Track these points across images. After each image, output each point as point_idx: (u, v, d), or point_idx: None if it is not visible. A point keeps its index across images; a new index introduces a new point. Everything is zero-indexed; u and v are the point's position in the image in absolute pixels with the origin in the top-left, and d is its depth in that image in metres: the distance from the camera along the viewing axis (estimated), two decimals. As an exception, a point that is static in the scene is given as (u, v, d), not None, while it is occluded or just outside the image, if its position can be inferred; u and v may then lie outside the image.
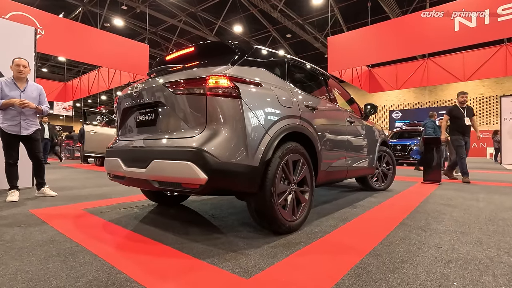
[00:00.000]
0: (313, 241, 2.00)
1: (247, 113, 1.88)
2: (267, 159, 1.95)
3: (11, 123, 3.34)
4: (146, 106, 2.18)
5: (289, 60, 2.66)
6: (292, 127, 2.20)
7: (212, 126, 1.85)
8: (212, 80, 1.85)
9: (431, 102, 21.00)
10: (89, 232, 2.16)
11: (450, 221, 2.54)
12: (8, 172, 3.41)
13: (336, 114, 2.99)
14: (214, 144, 1.79)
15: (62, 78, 20.64)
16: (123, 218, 2.57)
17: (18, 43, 4.27)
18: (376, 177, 4.23)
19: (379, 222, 2.53)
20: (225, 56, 2.18)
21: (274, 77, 2.33)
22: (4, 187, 3.98)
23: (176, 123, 1.98)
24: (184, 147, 1.81)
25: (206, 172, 1.74)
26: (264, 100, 2.03)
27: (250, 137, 1.89)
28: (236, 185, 1.90)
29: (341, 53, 10.64)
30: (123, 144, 2.32)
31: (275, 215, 2.01)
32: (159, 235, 2.09)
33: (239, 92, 1.87)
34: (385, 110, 22.73)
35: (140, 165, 2.03)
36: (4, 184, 3.95)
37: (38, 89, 3.58)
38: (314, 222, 2.47)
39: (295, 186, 2.24)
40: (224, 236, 2.08)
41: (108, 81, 12.73)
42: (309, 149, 2.45)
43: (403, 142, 10.01)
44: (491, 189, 4.63)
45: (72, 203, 3.28)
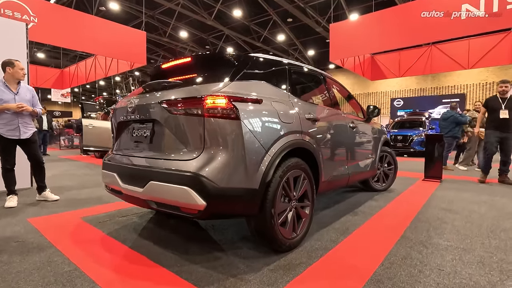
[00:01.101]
0: (314, 261, 1.98)
1: (247, 135, 1.81)
2: (268, 181, 1.90)
3: (9, 128, 3.25)
4: (142, 122, 2.10)
5: (291, 68, 2.55)
6: (294, 143, 2.12)
7: (210, 148, 1.78)
8: (210, 101, 1.76)
9: (433, 88, 20.67)
10: (88, 249, 2.14)
11: (452, 233, 2.52)
12: (5, 178, 3.36)
13: (338, 121, 2.90)
14: (213, 168, 1.73)
15: (58, 63, 20.23)
16: (121, 230, 2.54)
17: (9, 39, 4.11)
18: (377, 177, 4.19)
19: (380, 234, 2.51)
20: (224, 69, 2.07)
21: (275, 89, 2.24)
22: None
23: (173, 143, 1.90)
24: (181, 171, 1.75)
25: (204, 198, 1.69)
26: (264, 118, 1.95)
27: (250, 160, 1.82)
28: (235, 209, 1.86)
29: (343, 41, 10.35)
30: (120, 159, 2.25)
31: (275, 235, 1.98)
32: (158, 254, 2.06)
33: (238, 113, 1.79)
34: (386, 96, 22.44)
35: (137, 183, 1.98)
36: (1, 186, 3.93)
37: (30, 91, 3.50)
38: (315, 235, 2.45)
39: (296, 202, 2.20)
40: (224, 256, 2.05)
41: (106, 68, 12.47)
42: (310, 162, 2.39)
43: (404, 133, 9.93)
44: (494, 189, 4.61)
45: (71, 209, 3.25)
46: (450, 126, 6.79)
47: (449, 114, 6.88)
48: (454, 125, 6.75)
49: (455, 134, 6.77)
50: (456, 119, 6.69)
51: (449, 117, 6.85)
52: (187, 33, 18.50)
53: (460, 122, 6.70)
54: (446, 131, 6.79)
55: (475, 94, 19.21)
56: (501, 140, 4.86)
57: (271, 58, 2.44)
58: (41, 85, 15.33)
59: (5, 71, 3.28)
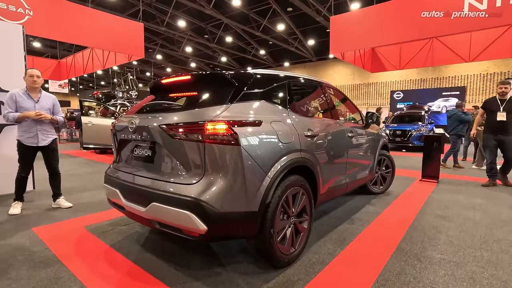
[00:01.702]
0: (311, 277, 2.05)
1: (247, 159, 1.84)
2: (267, 202, 1.94)
3: (28, 135, 3.31)
4: (143, 142, 2.12)
5: (290, 82, 2.55)
6: (293, 162, 2.16)
7: (210, 173, 1.81)
8: (210, 127, 1.79)
9: (434, 78, 20.53)
10: (93, 264, 2.21)
11: (446, 245, 2.60)
12: (18, 183, 3.41)
13: (336, 133, 2.92)
14: (213, 194, 1.77)
15: (54, 52, 19.94)
16: (124, 242, 2.61)
17: (6, 42, 4.06)
18: (375, 180, 4.25)
19: (375, 246, 2.58)
20: (223, 89, 2.08)
21: (274, 108, 2.25)
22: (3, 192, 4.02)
23: (174, 165, 1.94)
24: (183, 195, 1.79)
25: (205, 222, 1.74)
26: (264, 141, 1.98)
27: (250, 184, 1.86)
28: (236, 232, 1.92)
29: (344, 34, 10.20)
30: (122, 176, 2.29)
31: (274, 253, 2.04)
32: (161, 270, 2.13)
33: (238, 139, 1.81)
34: (387, 87, 22.30)
35: (139, 203, 2.03)
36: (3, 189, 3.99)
37: (52, 99, 3.53)
38: (313, 247, 2.52)
39: (295, 218, 2.26)
40: (225, 271, 2.12)
41: (103, 60, 12.31)
42: (309, 176, 2.43)
43: (403, 128, 9.95)
44: (488, 191, 4.69)
45: (74, 215, 3.32)
46: (454, 124, 6.78)
47: (453, 112, 6.85)
48: (457, 123, 6.72)
49: (458, 132, 6.74)
50: (459, 117, 6.67)
51: (452, 115, 6.82)
52: (185, 22, 18.17)
53: (463, 120, 6.67)
54: (451, 129, 6.80)
55: (475, 85, 19.13)
56: (499, 144, 4.77)
57: (270, 74, 2.44)
58: (38, 76, 15.18)
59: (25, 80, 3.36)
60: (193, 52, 24.21)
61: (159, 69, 29.80)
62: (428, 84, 20.79)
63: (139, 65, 27.25)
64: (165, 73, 30.94)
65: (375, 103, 22.72)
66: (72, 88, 30.81)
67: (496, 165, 4.91)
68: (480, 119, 5.27)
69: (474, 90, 18.93)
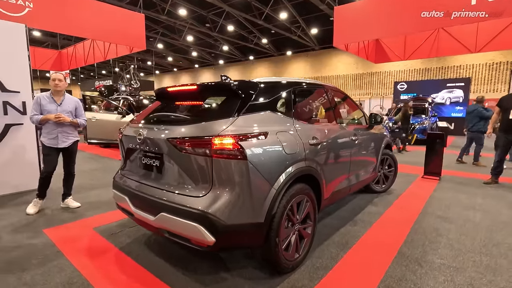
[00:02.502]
0: (315, 283, 2.12)
1: (253, 173, 1.88)
2: (273, 213, 2.00)
3: (50, 136, 3.43)
4: (151, 153, 2.16)
5: (295, 89, 2.56)
6: (298, 171, 2.20)
7: (218, 186, 1.86)
8: (217, 141, 1.82)
9: (439, 68, 20.28)
10: (104, 269, 2.29)
11: (446, 249, 2.66)
12: (42, 182, 3.49)
13: (340, 137, 2.94)
14: (221, 207, 1.82)
15: (55, 41, 19.75)
16: (133, 245, 2.69)
17: (9, 42, 4.05)
18: (377, 179, 4.29)
19: (378, 249, 2.64)
20: (230, 101, 2.10)
21: (280, 118, 2.27)
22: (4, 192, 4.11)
23: (182, 177, 1.98)
24: (192, 207, 1.84)
25: (213, 234, 1.80)
26: (269, 153, 2.01)
27: (256, 196, 1.91)
28: (243, 242, 1.98)
29: (348, 25, 10.02)
30: (130, 183, 2.34)
31: (279, 261, 2.11)
32: (169, 274, 2.21)
33: (245, 153, 1.85)
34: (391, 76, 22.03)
35: (149, 212, 2.09)
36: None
37: (75, 102, 3.61)
38: (316, 252, 2.59)
39: (299, 225, 2.32)
40: (230, 277, 2.20)
41: (104, 51, 12.21)
42: (313, 183, 2.48)
43: (406, 121, 9.88)
44: (488, 190, 4.73)
45: (83, 216, 3.40)
46: (474, 120, 6.53)
47: (473, 107, 6.58)
48: (478, 119, 6.47)
49: (480, 129, 6.49)
50: (480, 113, 6.42)
51: (472, 110, 6.54)
52: (186, 10, 17.87)
53: (483, 116, 6.41)
54: (471, 125, 6.56)
55: (481, 75, 18.90)
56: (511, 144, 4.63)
57: (275, 82, 2.44)
58: (40, 67, 15.10)
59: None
60: (195, 41, 23.91)
61: (160, 58, 29.52)
62: (432, 74, 20.54)
63: (140, 54, 26.99)
64: (167, 62, 30.65)
65: (378, 93, 22.55)
66: (73, 77, 30.65)
67: (503, 165, 4.92)
68: (497, 118, 5.03)
69: (479, 80, 18.71)
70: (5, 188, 4.06)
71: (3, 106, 3.96)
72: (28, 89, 4.14)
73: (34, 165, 4.30)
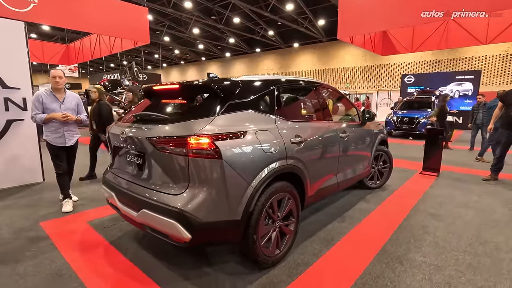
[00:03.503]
0: (293, 279, 2.18)
1: (229, 172, 1.92)
2: (250, 210, 2.04)
3: (56, 136, 3.40)
4: (134, 151, 2.22)
5: (279, 87, 2.56)
6: (278, 170, 2.23)
7: (194, 185, 1.91)
8: (193, 141, 1.86)
9: (450, 60, 19.73)
10: (93, 262, 2.39)
11: (430, 247, 2.66)
12: (59, 182, 3.53)
13: (327, 135, 2.94)
14: (197, 205, 1.87)
15: (63, 35, 20.05)
16: (124, 239, 2.79)
17: (8, 40, 4.15)
18: (372, 175, 4.28)
19: (361, 246, 2.67)
20: (210, 100, 2.14)
21: (260, 117, 2.29)
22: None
23: (162, 175, 2.04)
24: (169, 205, 1.90)
25: (189, 231, 1.86)
26: (247, 152, 2.04)
27: (232, 195, 1.96)
28: (220, 238, 2.04)
29: (353, 17, 9.81)
30: (117, 180, 2.42)
31: (258, 257, 2.16)
32: (155, 268, 2.30)
33: (221, 152, 1.89)
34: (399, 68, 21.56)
35: (132, 208, 2.17)
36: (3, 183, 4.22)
37: (76, 99, 3.59)
38: (300, 247, 2.63)
39: (280, 222, 2.36)
40: (213, 271, 2.27)
41: (110, 45, 12.36)
42: (296, 181, 2.51)
43: (411, 115, 9.74)
44: (486, 187, 4.66)
45: (79, 209, 3.52)
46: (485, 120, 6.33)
47: (494, 102, 6.35)
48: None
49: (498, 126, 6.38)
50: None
51: (492, 106, 6.33)
52: (192, 2, 17.80)
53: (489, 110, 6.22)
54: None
55: (494, 67, 18.32)
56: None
57: (257, 81, 2.45)
58: (48, 61, 15.39)
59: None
60: (201, 33, 23.85)
61: (167, 51, 29.60)
62: (443, 66, 20.02)
63: (147, 47, 27.13)
64: (173, 55, 30.73)
65: (387, 86, 22.15)
66: (83, 71, 31.08)
67: (504, 162, 4.82)
68: (499, 113, 4.93)
69: (492, 72, 18.15)
70: (7, 182, 4.23)
71: (4, 102, 4.09)
72: (28, 86, 4.26)
73: (36, 159, 4.45)
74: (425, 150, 5.33)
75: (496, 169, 4.82)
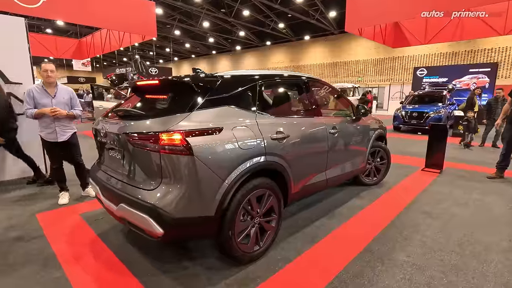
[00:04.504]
0: (269, 275, 2.18)
1: (201, 168, 1.92)
2: (224, 207, 2.04)
3: (48, 131, 3.39)
4: (114, 145, 2.26)
5: (263, 83, 2.53)
6: (256, 166, 2.21)
7: (167, 181, 1.93)
8: (165, 137, 1.87)
9: (467, 51, 18.95)
10: (78, 253, 2.47)
11: (417, 246, 2.60)
12: (55, 176, 3.62)
13: (314, 130, 2.89)
14: (169, 200, 1.89)
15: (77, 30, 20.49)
16: (111, 232, 2.85)
17: (9, 35, 4.26)
18: (368, 172, 4.20)
19: (345, 244, 2.64)
20: (186, 96, 2.13)
21: (239, 112, 2.27)
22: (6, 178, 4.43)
23: (138, 171, 2.07)
24: (143, 200, 1.93)
25: (162, 226, 1.88)
26: (221, 149, 2.03)
27: (205, 191, 1.96)
28: (194, 234, 2.06)
29: (361, 8, 9.53)
30: (101, 174, 2.47)
31: (235, 253, 2.18)
32: (135, 261, 2.35)
33: (192, 149, 1.89)
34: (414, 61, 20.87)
35: (112, 201, 2.21)
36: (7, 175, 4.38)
37: (69, 92, 3.52)
38: (282, 243, 2.62)
39: (260, 218, 2.36)
40: (192, 266, 2.30)
41: (119, 40, 12.53)
42: (278, 177, 2.49)
43: (420, 110, 9.42)
44: (489, 185, 4.49)
45: (76, 201, 3.63)
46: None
47: None
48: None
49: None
50: None
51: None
52: (201, -4, 17.78)
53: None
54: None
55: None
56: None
57: (239, 76, 2.43)
58: (61, 55, 15.79)
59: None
60: (211, 26, 23.82)
61: (178, 45, 29.77)
62: (460, 58, 19.26)
63: (158, 41, 27.37)
64: (184, 48, 30.87)
65: (400, 79, 21.55)
66: (97, 65, 31.74)
67: (510, 159, 4.62)
68: (508, 108, 4.69)
69: None
70: (12, 173, 4.40)
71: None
72: (30, 81, 4.37)
73: (39, 152, 4.59)
74: (428, 146, 5.16)
75: (502, 167, 4.62)
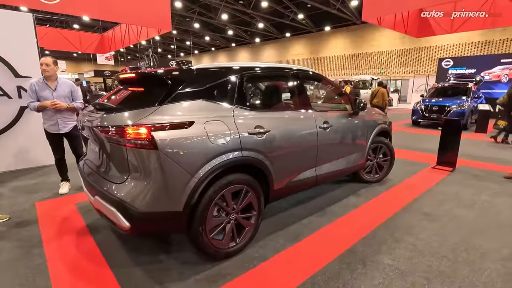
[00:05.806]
0: (241, 273, 2.14)
1: (167, 163, 1.90)
2: (193, 203, 2.01)
3: (50, 123, 3.52)
4: (91, 139, 2.29)
5: (243, 75, 2.45)
6: (230, 162, 2.16)
7: (134, 175, 1.92)
8: (130, 131, 1.86)
9: (503, 40, 17.55)
10: (63, 242, 2.56)
11: (406, 249, 2.44)
12: (57, 166, 3.79)
13: (301, 125, 2.77)
14: (135, 195, 1.89)
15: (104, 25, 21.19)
16: (99, 222, 2.92)
17: (19, 31, 4.44)
18: (370, 168, 4.01)
19: (328, 244, 2.53)
20: (156, 89, 2.11)
21: (214, 106, 2.22)
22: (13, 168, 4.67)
23: (110, 164, 2.08)
24: (112, 194, 1.95)
25: (128, 220, 1.89)
26: (189, 143, 1.99)
27: (172, 186, 1.94)
28: (162, 228, 2.06)
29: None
30: (84, 167, 2.52)
31: (207, 249, 2.15)
32: (113, 251, 2.40)
33: (157, 144, 1.86)
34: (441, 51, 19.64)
35: (91, 193, 2.26)
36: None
37: (69, 86, 3.61)
38: (263, 241, 2.57)
39: (237, 214, 2.31)
40: (167, 259, 2.30)
41: (137, 34, 12.81)
42: (258, 173, 2.42)
43: (441, 103, 8.85)
44: (508, 184, 4.14)
45: (75, 191, 3.77)
46: None
47: None
48: None
49: None
50: None
51: None
52: (219, -12, 17.70)
53: None
54: None
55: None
56: None
57: (216, 68, 2.37)
58: (85, 50, 16.41)
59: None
60: (230, 18, 23.74)
61: (198, 38, 29.98)
62: (494, 48, 17.90)
63: (179, 34, 27.71)
64: (204, 41, 31.05)
65: (425, 71, 20.44)
66: (121, 59, 32.76)
67: None
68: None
69: (554, 53, 15.82)
70: (22, 163, 4.65)
71: (17, 90, 4.44)
72: (38, 74, 4.55)
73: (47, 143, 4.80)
74: (440, 142, 4.85)
75: None
